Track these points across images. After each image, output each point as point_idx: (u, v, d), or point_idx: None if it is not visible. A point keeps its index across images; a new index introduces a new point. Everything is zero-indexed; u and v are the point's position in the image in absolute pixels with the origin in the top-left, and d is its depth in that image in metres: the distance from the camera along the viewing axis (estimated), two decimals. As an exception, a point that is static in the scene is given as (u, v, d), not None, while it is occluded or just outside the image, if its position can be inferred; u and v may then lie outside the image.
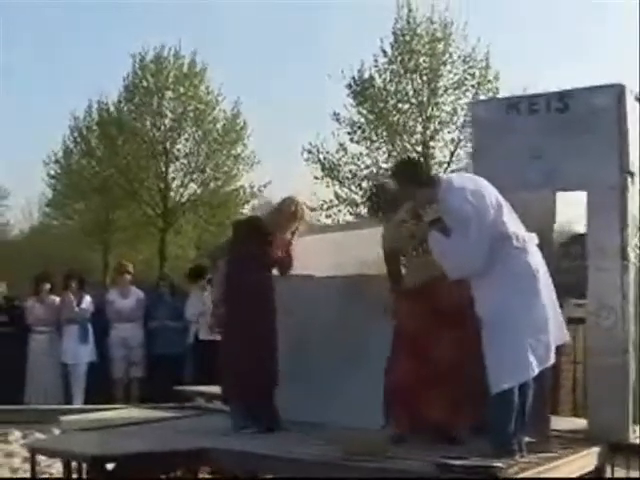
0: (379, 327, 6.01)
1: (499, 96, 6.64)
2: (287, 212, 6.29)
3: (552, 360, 5.02)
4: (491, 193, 5.08)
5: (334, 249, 6.67)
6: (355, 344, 6.20)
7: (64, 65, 50.87)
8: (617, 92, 5.64)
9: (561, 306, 5.28)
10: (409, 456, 4.92)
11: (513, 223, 5.06)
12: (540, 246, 5.24)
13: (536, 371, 4.93)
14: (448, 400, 5.41)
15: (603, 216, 5.60)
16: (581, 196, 5.85)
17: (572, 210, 6.51)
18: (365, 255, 6.31)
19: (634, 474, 5.53)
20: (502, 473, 4.36)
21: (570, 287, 6.28)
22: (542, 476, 4.65)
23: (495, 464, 4.45)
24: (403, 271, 5.74)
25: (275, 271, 6.41)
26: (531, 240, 5.10)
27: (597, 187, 5.61)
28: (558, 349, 5.18)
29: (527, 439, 5.07)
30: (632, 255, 5.60)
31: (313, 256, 6.45)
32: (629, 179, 5.61)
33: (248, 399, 6.20)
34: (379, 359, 5.88)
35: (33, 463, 5.86)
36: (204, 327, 10.45)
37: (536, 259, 5.06)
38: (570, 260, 10.21)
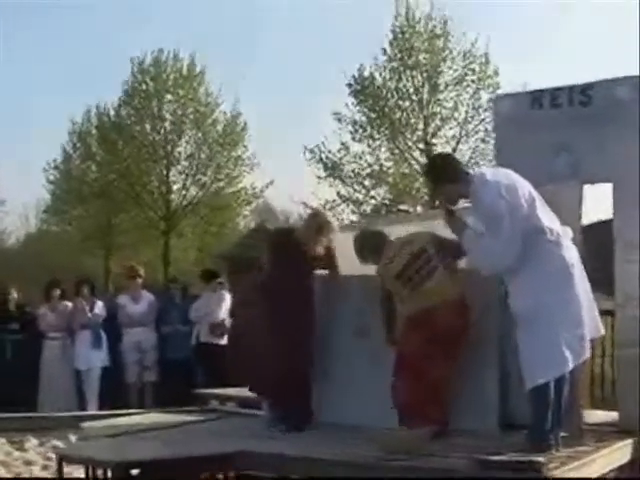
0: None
1: (521, 91, 6.55)
2: (314, 227, 6.32)
3: (587, 354, 4.99)
4: (524, 187, 5.02)
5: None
6: (380, 345, 6.15)
7: (63, 71, 50.94)
8: (639, 82, 5.60)
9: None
10: (446, 453, 4.89)
11: (547, 217, 5.02)
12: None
13: (571, 366, 4.90)
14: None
15: (630, 208, 5.56)
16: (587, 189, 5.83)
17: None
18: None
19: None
20: (544, 468, 4.31)
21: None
22: (581, 470, 4.62)
23: (536, 459, 4.41)
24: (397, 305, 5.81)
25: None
26: (565, 234, 5.06)
27: (623, 179, 5.57)
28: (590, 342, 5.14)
29: (562, 433, 5.05)
30: (659, 247, 5.55)
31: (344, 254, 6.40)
32: (655, 170, 5.56)
33: (281, 397, 6.23)
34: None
35: (60, 471, 5.79)
36: (205, 329, 10.44)
37: (571, 253, 5.02)
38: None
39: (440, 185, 5.22)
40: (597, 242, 5.92)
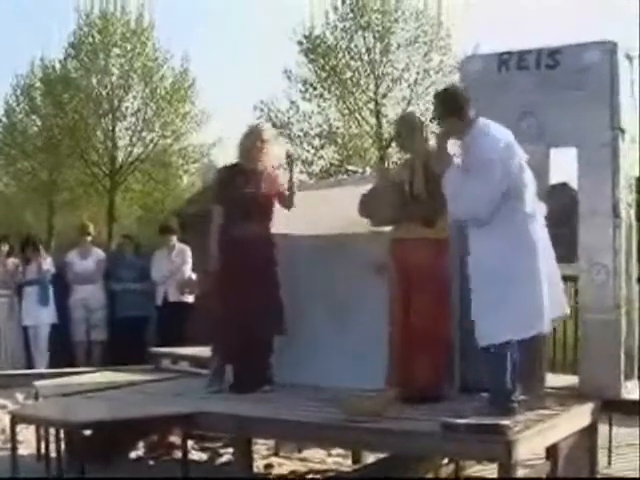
0: (365, 287, 5.96)
1: (490, 52, 6.46)
2: (253, 138, 6.17)
3: (546, 329, 5.01)
4: (520, 154, 5.06)
5: (323, 205, 6.55)
6: (341, 305, 6.12)
7: (6, 22, 49.47)
8: (608, 49, 5.59)
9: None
10: (411, 416, 4.89)
11: (530, 190, 5.02)
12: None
13: (531, 333, 4.94)
14: (433, 358, 5.39)
15: (595, 173, 5.57)
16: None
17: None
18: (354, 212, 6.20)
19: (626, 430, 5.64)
20: (509, 431, 4.33)
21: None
22: (545, 433, 4.66)
23: (501, 422, 4.42)
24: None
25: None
26: (541, 210, 5.10)
27: (588, 144, 5.58)
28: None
29: (522, 397, 5.07)
30: (623, 212, 5.59)
31: (301, 213, 6.32)
32: (620, 136, 5.58)
33: (238, 361, 6.16)
34: (366, 320, 5.85)
35: (13, 431, 5.66)
36: (172, 288, 10.29)
37: (542, 231, 5.05)
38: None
39: (448, 117, 5.15)
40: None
